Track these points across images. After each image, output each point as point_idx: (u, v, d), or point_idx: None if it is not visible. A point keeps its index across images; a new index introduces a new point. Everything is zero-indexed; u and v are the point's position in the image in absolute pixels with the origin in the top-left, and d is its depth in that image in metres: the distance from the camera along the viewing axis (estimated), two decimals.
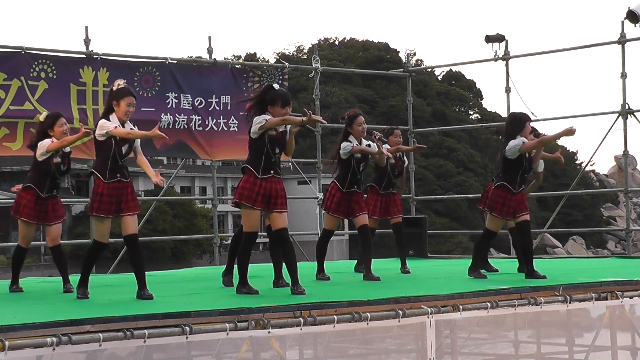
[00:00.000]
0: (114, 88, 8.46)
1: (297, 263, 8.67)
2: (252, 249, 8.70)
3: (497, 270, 11.08)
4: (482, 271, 10.47)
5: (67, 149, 9.43)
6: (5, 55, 13.35)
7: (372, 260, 11.54)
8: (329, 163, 10.53)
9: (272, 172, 8.51)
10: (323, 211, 11.22)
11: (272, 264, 9.56)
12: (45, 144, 9.19)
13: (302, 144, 46.46)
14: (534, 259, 10.39)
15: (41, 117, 9.52)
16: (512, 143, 9.95)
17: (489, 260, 11.53)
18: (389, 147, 11.33)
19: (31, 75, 13.34)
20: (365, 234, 10.31)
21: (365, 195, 10.97)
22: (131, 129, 8.53)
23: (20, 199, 9.32)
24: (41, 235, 33.84)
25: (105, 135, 8.30)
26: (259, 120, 8.42)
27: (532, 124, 10.35)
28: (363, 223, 10.29)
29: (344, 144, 10.31)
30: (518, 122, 10.13)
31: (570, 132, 9.77)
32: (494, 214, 10.11)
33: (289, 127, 8.58)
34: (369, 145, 10.47)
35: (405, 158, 11.91)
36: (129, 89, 8.59)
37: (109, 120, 8.37)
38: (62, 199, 9.66)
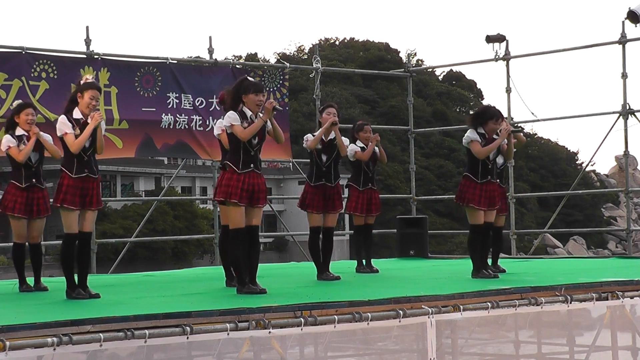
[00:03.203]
0: (82, 82, 8.47)
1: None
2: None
3: (504, 271, 11.03)
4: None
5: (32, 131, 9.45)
6: (6, 55, 13.36)
7: (372, 260, 11.61)
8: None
9: (252, 165, 8.43)
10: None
11: (267, 264, 9.57)
12: (5, 143, 9.37)
13: (302, 145, 46.40)
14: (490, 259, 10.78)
15: (14, 104, 9.74)
16: (466, 135, 10.22)
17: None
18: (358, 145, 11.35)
19: (32, 75, 13.34)
20: (330, 235, 10.56)
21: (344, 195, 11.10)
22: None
23: (5, 194, 9.44)
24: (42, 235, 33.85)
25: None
26: (225, 123, 8.47)
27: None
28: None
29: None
30: (482, 116, 10.27)
31: (506, 131, 10.20)
32: (466, 205, 10.19)
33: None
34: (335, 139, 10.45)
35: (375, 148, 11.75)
36: (95, 82, 8.60)
37: (71, 115, 8.36)
38: None
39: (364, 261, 11.51)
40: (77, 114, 8.39)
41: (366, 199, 11.33)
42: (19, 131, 9.43)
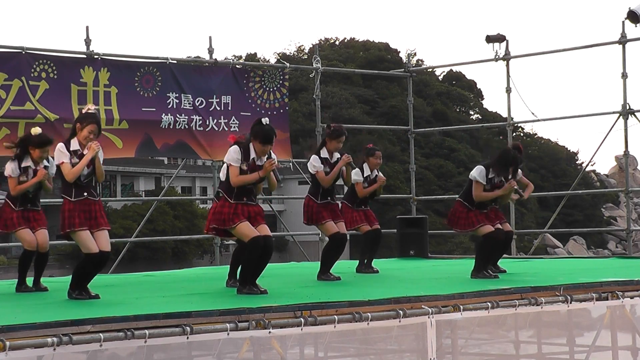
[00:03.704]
0: (84, 111, 8.46)
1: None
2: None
3: (504, 271, 11.04)
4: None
5: (40, 166, 9.38)
6: (6, 55, 13.36)
7: (373, 260, 11.63)
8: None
9: (244, 199, 8.55)
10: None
11: (269, 264, 9.56)
12: (8, 171, 9.31)
13: (302, 144, 46.42)
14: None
15: (33, 131, 9.40)
16: (475, 173, 10.35)
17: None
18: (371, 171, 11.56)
19: (32, 75, 13.34)
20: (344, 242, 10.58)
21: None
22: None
23: (2, 212, 9.49)
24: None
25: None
26: (227, 161, 8.64)
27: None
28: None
29: (312, 160, 10.43)
30: (502, 162, 10.34)
31: (510, 188, 10.37)
32: (469, 230, 10.39)
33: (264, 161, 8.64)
34: (338, 159, 10.51)
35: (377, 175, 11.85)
36: (96, 115, 8.53)
37: (69, 145, 8.33)
38: None
39: (365, 261, 11.54)
40: (74, 144, 8.36)
41: (361, 213, 11.50)
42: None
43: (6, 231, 9.54)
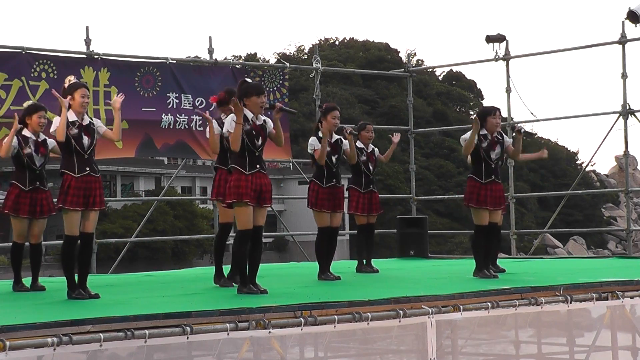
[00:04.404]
0: (66, 85, 8.48)
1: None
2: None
3: (503, 270, 11.02)
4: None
5: (42, 137, 9.46)
6: (6, 55, 13.36)
7: (372, 260, 11.62)
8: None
9: (257, 166, 8.48)
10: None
11: (267, 264, 9.58)
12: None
13: (302, 144, 46.46)
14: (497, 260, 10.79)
15: (25, 104, 9.70)
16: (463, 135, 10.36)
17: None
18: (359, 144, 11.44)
19: (32, 75, 13.34)
20: (335, 235, 10.56)
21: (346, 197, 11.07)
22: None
23: (8, 194, 9.44)
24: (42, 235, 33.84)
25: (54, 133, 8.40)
26: (227, 127, 8.50)
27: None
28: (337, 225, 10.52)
29: (310, 140, 10.45)
30: (481, 115, 10.44)
31: (476, 125, 10.23)
32: (471, 205, 10.23)
33: (267, 121, 8.60)
34: (340, 141, 10.54)
35: (374, 150, 11.86)
36: (80, 81, 8.73)
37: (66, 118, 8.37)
38: None
39: (364, 261, 11.54)
40: (72, 116, 8.40)
41: (367, 199, 11.40)
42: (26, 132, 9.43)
43: (5, 211, 9.43)
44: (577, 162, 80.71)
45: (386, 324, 7.72)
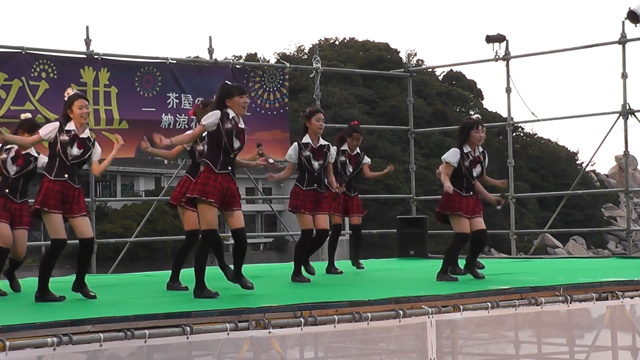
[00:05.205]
0: (66, 98, 8.43)
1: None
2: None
3: (482, 267, 11.06)
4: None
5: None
6: (6, 55, 13.37)
7: (371, 260, 11.62)
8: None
9: (229, 168, 8.38)
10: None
11: (267, 264, 9.57)
12: None
13: None
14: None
15: (23, 116, 9.59)
16: (446, 153, 10.38)
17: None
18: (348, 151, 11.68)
19: (32, 75, 13.35)
20: (325, 236, 10.56)
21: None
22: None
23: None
24: (42, 236, 33.87)
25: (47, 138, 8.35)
26: (205, 121, 8.55)
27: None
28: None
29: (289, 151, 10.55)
30: (463, 130, 10.38)
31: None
32: (446, 212, 10.29)
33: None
34: (327, 148, 10.49)
35: (360, 157, 11.90)
36: (79, 93, 8.61)
37: (64, 126, 8.33)
38: None
39: (352, 260, 11.63)
40: (70, 126, 8.35)
41: (343, 200, 11.51)
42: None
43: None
44: (577, 162, 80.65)
45: (386, 324, 7.72)
